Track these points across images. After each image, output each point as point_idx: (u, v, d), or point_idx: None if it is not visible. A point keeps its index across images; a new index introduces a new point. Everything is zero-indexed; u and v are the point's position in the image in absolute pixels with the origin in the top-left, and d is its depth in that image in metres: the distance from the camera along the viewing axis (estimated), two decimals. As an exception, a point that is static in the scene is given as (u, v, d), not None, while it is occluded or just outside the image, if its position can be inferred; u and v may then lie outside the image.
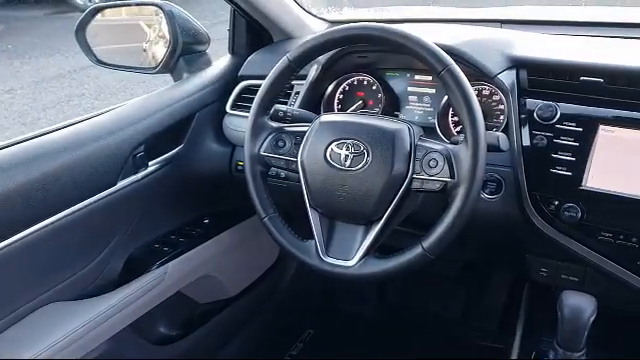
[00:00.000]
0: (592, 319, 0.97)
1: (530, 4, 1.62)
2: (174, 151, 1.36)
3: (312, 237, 1.07)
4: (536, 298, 1.36)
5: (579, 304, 0.98)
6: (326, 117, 1.09)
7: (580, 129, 1.06)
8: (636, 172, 1.01)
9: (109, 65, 1.54)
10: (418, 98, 1.33)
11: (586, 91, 1.07)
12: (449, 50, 1.07)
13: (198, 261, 1.40)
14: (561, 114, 1.07)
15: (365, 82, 1.37)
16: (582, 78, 1.08)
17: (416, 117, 1.34)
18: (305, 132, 1.08)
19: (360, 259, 1.03)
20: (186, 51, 1.47)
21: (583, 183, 1.05)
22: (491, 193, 1.14)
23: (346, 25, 1.06)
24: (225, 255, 1.50)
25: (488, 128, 1.09)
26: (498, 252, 1.43)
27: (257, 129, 1.12)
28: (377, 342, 1.80)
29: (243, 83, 1.44)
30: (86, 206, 1.15)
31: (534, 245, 1.18)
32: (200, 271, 1.43)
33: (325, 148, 1.04)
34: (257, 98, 1.12)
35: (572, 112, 1.07)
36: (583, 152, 1.05)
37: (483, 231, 1.23)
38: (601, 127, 1.05)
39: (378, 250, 1.04)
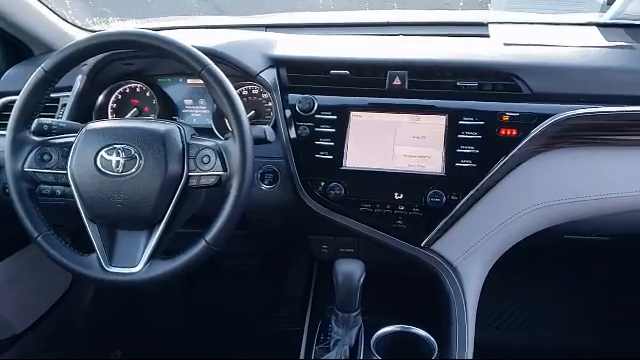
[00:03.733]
0: (361, 281, 1.10)
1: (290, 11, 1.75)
2: None
3: (94, 250, 1.05)
4: (324, 274, 1.49)
5: (349, 270, 1.10)
6: (93, 125, 1.07)
7: (335, 117, 1.19)
8: (379, 149, 1.17)
9: None
10: (194, 102, 1.38)
11: (336, 83, 1.21)
12: (210, 52, 1.13)
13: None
14: (318, 105, 1.20)
15: (138, 89, 1.37)
16: (332, 72, 1.21)
17: (194, 120, 1.38)
18: (72, 142, 1.05)
19: (146, 263, 1.03)
20: None
21: (343, 164, 1.18)
22: (270, 183, 1.22)
23: (102, 32, 1.05)
24: (4, 288, 1.37)
25: (262, 124, 1.17)
26: (286, 238, 1.54)
27: (17, 145, 1.06)
28: (187, 350, 1.80)
29: (1, 100, 1.34)
30: None
31: (312, 225, 1.30)
32: (-26, 309, 1.29)
33: (94, 156, 1.02)
34: (13, 113, 1.06)
35: (327, 103, 1.20)
36: (340, 137, 1.19)
37: (268, 220, 1.32)
38: (352, 113, 1.19)
39: (165, 253, 1.06)
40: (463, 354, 1.09)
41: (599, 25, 1.41)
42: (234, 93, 1.03)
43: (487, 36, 1.40)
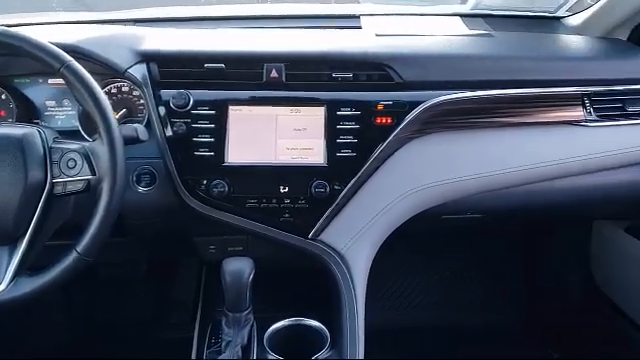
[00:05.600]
0: (251, 279, 1.08)
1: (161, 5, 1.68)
2: None
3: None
4: (213, 275, 1.44)
5: (237, 268, 1.08)
6: None
7: (213, 112, 1.15)
8: (262, 143, 1.16)
9: None
10: (57, 102, 1.27)
11: (212, 77, 1.17)
12: (70, 48, 1.06)
13: None
14: (194, 100, 1.15)
15: (-8, 92, 1.24)
16: (206, 65, 1.17)
17: (59, 122, 1.27)
18: None
19: (10, 281, 0.94)
20: None
21: (225, 160, 1.15)
22: (147, 185, 1.16)
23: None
24: None
25: (135, 122, 1.11)
26: (170, 242, 1.48)
27: None
28: None
29: None
30: None
31: (197, 226, 1.25)
32: None
33: None
34: None
35: (203, 97, 1.16)
36: (220, 132, 1.15)
37: (148, 224, 1.25)
38: (230, 107, 1.16)
39: (33, 268, 0.97)
40: (354, 340, 1.11)
41: (461, 15, 1.50)
42: (98, 91, 0.96)
43: (359, 28, 1.43)
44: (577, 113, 1.26)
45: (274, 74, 1.18)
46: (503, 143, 1.25)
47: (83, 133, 1.23)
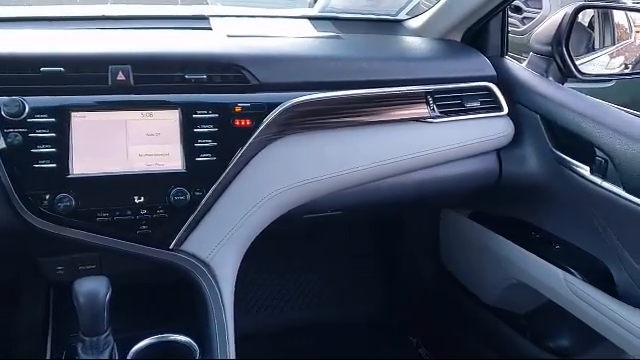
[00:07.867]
0: (107, 298, 1.00)
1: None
2: None
3: None
4: (63, 298, 1.32)
5: (91, 288, 0.98)
6: None
7: (53, 119, 1.05)
8: (111, 151, 1.08)
9: None
10: None
11: (50, 81, 1.06)
12: None
13: None
14: (30, 108, 1.04)
15: None
16: (43, 69, 1.06)
17: None
18: None
19: None
20: None
21: (70, 171, 1.05)
22: (-22, 205, 1.03)
23: None
24: None
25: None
26: (10, 265, 1.32)
27: None
28: None
29: None
30: None
31: (41, 246, 1.14)
32: None
33: None
34: None
35: (41, 104, 1.05)
36: (62, 141, 1.05)
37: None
38: (73, 114, 1.06)
39: None
40: (225, 349, 1.07)
41: (310, 18, 1.53)
42: None
43: (210, 29, 1.40)
44: (422, 110, 1.34)
45: (121, 77, 1.10)
46: (358, 141, 1.29)
47: None
